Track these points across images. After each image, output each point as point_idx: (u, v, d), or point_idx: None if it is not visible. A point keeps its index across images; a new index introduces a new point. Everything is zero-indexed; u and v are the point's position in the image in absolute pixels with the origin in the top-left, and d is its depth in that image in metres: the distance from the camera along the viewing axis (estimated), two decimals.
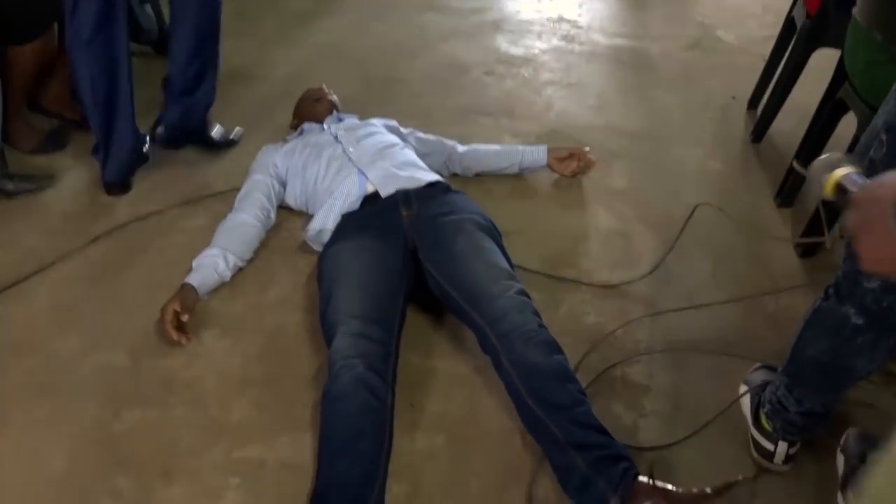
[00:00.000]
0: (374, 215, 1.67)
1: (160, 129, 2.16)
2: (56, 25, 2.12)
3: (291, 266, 1.85)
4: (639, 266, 1.89)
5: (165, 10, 2.83)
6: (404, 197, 1.68)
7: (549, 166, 2.10)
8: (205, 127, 2.21)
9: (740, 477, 1.22)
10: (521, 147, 2.15)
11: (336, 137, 1.89)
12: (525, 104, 2.65)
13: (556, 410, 1.29)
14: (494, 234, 1.66)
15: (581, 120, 2.56)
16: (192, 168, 2.21)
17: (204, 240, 1.81)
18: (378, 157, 1.79)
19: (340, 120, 2.02)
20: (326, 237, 1.72)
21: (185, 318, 1.59)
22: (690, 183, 2.22)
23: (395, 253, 1.58)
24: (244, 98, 2.59)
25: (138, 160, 2.07)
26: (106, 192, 2.05)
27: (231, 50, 2.88)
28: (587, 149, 2.11)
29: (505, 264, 1.55)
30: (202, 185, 2.13)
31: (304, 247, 1.87)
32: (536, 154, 2.11)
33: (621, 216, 2.08)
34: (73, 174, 2.16)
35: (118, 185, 2.04)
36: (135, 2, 2.53)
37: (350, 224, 1.68)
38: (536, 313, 1.45)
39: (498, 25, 3.28)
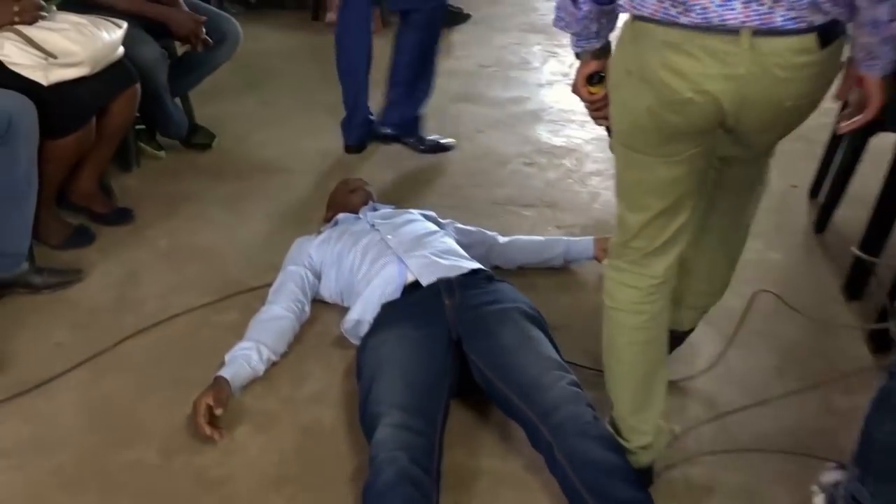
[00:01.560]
0: (415, 305, 1.84)
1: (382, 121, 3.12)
2: (94, 119, 2.41)
3: (326, 361, 2.02)
4: (697, 361, 2.02)
5: (196, 102, 3.19)
6: (446, 285, 1.85)
7: (595, 258, 2.26)
8: (417, 123, 3.14)
9: None
10: (565, 238, 2.33)
11: (373, 225, 2.09)
12: (569, 195, 2.87)
13: None
14: (542, 323, 1.81)
15: None
16: (223, 264, 2.44)
17: (235, 336, 2.00)
18: (417, 244, 1.98)
19: (376, 209, 2.22)
20: (364, 329, 1.88)
21: (218, 412, 1.75)
22: (750, 274, 2.35)
23: (439, 344, 1.74)
24: (280, 191, 2.84)
25: (371, 134, 3.14)
26: (346, 152, 3.11)
27: (259, 142, 3.19)
28: None
29: (555, 355, 1.70)
30: (234, 281, 2.35)
31: (340, 341, 2.04)
32: (582, 245, 2.28)
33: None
34: (101, 269, 2.40)
35: (356, 148, 3.11)
36: (165, 93, 2.83)
37: (390, 314, 1.85)
38: (591, 405, 1.58)
39: (537, 115, 3.56)
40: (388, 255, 1.96)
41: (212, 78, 3.13)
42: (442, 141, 3.17)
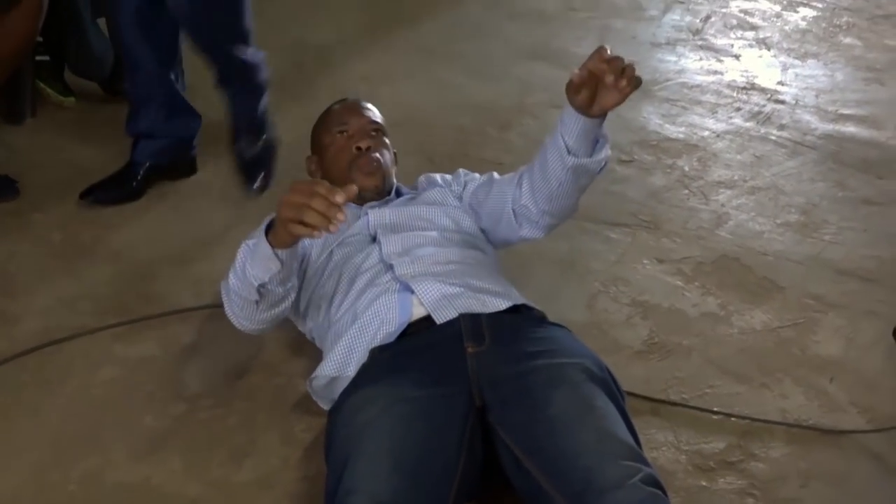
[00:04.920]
0: (422, 351, 1.85)
1: None
2: None
3: (282, 430, 2.06)
4: None
5: None
6: (471, 324, 1.87)
7: (580, 113, 1.93)
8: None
9: None
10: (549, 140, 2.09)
11: (374, 238, 2.13)
12: (682, 214, 2.89)
13: None
14: (613, 389, 1.82)
15: (772, 244, 2.78)
16: (142, 271, 2.50)
17: (151, 381, 2.07)
18: (433, 265, 2.01)
19: (388, 202, 2.25)
20: (341, 388, 1.90)
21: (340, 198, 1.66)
22: None
23: (452, 412, 1.75)
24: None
25: None
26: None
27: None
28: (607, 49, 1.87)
29: (627, 436, 1.70)
30: (156, 297, 2.40)
31: (306, 402, 2.07)
32: (565, 122, 1.98)
33: (830, 400, 2.22)
34: None
35: None
36: (84, 10, 2.91)
37: (382, 363, 1.88)
38: None
39: (646, 90, 3.58)
40: (386, 280, 1.99)
41: None
42: None
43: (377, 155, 2.28)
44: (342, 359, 1.93)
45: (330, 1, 3.92)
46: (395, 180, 2.35)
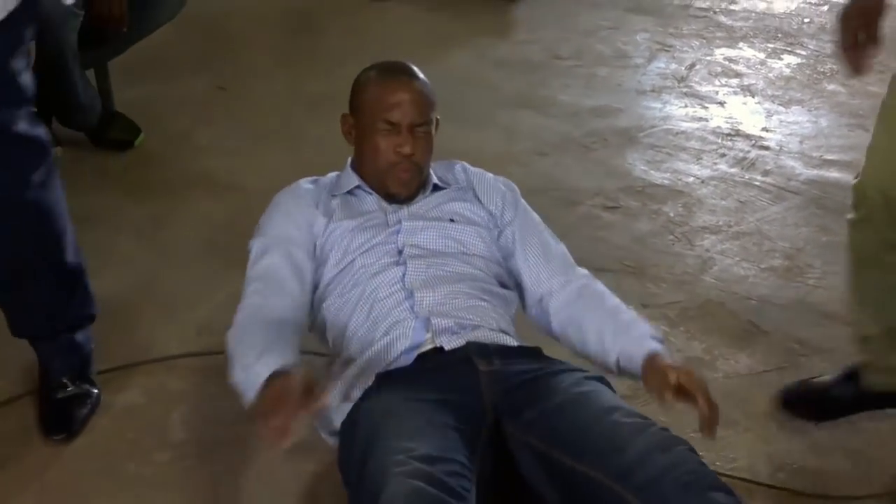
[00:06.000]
0: (433, 371, 1.90)
1: None
2: None
3: (269, 479, 2.06)
4: None
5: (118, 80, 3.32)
6: (478, 349, 1.92)
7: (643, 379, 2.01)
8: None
9: None
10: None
11: (400, 251, 2.08)
12: (666, 259, 2.92)
13: None
14: (609, 385, 1.91)
15: (757, 289, 2.80)
16: (129, 319, 2.52)
17: (134, 429, 2.08)
18: (453, 298, 2.02)
19: (413, 205, 2.17)
20: (342, 414, 1.91)
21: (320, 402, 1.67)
22: None
23: (467, 414, 1.79)
24: (226, 218, 2.92)
25: None
26: None
27: (204, 144, 3.29)
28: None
29: (629, 406, 1.80)
30: (142, 346, 2.42)
31: (290, 452, 2.05)
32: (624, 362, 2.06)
33: (815, 443, 2.23)
34: None
35: None
36: (73, 62, 2.95)
37: (394, 380, 1.90)
38: (693, 450, 1.66)
39: (632, 136, 3.62)
40: (405, 307, 2.00)
41: (146, 45, 3.26)
42: None
43: (417, 161, 2.13)
44: (349, 384, 1.94)
45: (320, 50, 3.96)
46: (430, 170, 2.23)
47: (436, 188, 2.21)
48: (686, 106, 3.96)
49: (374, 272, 2.06)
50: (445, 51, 4.32)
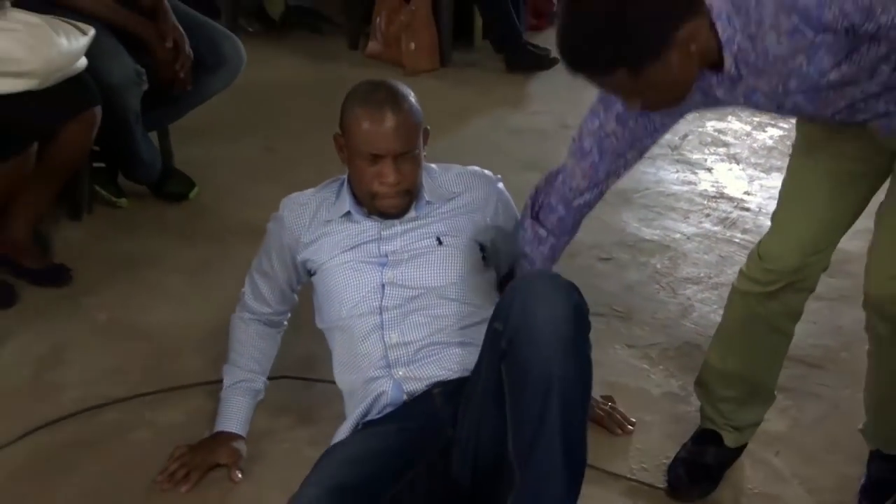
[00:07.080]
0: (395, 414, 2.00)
1: None
2: (36, 145, 2.61)
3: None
4: None
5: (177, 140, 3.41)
6: (437, 385, 2.00)
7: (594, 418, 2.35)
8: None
9: None
10: None
11: (382, 287, 2.08)
12: (651, 305, 2.95)
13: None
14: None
15: None
16: (173, 349, 2.59)
17: (172, 443, 2.13)
18: (428, 349, 2.04)
19: (397, 229, 2.14)
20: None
21: (238, 477, 2.13)
22: None
23: (414, 435, 1.89)
24: None
25: None
26: None
27: (251, 197, 3.37)
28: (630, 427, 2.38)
29: None
30: (183, 372, 2.49)
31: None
32: None
33: (775, 473, 2.26)
34: (18, 340, 2.57)
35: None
36: (136, 124, 3.05)
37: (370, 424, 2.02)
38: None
39: (626, 197, 3.66)
40: (381, 367, 2.03)
41: (202, 111, 3.36)
42: None
43: (404, 187, 2.06)
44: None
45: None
46: (421, 183, 2.14)
47: (428, 202, 2.17)
48: (677, 171, 3.99)
49: (358, 313, 2.09)
50: (466, 119, 4.39)
